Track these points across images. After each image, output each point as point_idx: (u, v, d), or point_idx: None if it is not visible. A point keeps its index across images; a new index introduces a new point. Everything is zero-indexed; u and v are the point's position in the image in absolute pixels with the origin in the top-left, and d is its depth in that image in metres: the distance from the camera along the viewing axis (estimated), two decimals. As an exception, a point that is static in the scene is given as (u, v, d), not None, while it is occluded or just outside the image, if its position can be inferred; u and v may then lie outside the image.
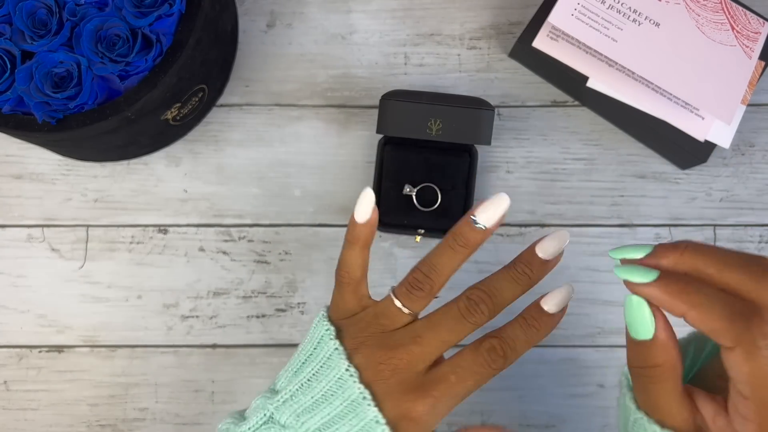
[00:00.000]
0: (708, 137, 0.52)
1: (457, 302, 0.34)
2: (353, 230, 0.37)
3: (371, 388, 0.33)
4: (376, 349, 0.34)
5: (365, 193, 0.36)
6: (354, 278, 0.37)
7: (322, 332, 0.36)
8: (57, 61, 0.44)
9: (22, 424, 0.52)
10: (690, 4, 0.51)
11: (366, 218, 0.36)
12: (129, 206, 0.54)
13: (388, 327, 0.35)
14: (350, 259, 0.37)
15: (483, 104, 0.50)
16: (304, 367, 0.35)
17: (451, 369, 0.33)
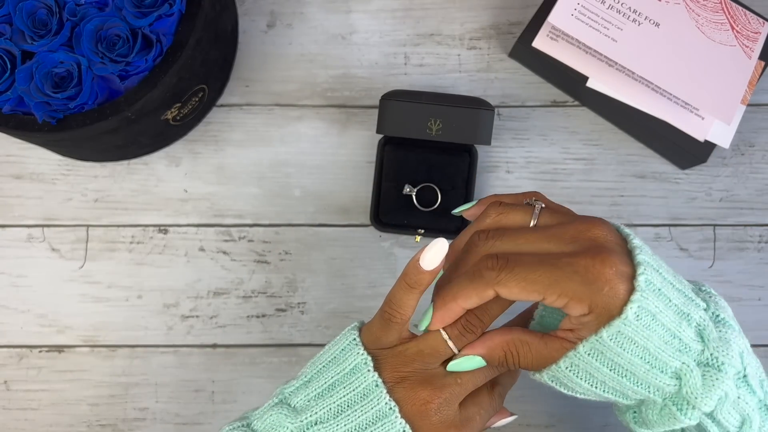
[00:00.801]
0: (708, 137, 0.52)
1: None
2: (416, 275, 0.36)
3: (413, 424, 0.35)
4: (420, 386, 0.35)
5: (438, 242, 0.35)
6: (405, 319, 0.37)
7: (358, 360, 0.36)
8: (57, 61, 0.44)
9: (22, 424, 0.52)
10: (690, 4, 0.51)
11: (433, 267, 0.35)
12: (129, 206, 0.54)
13: (430, 364, 0.36)
14: (406, 301, 0.36)
15: (483, 104, 0.50)
16: (333, 391, 0.36)
17: (476, 410, 0.37)
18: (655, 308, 0.32)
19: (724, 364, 0.32)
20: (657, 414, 0.34)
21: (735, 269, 0.54)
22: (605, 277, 0.31)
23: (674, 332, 0.32)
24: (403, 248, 0.54)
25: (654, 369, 0.32)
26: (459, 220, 0.52)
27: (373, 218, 0.52)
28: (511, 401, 0.52)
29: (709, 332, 0.33)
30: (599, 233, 0.33)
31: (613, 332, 0.31)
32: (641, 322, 0.31)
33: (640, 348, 0.32)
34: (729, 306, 0.36)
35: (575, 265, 0.31)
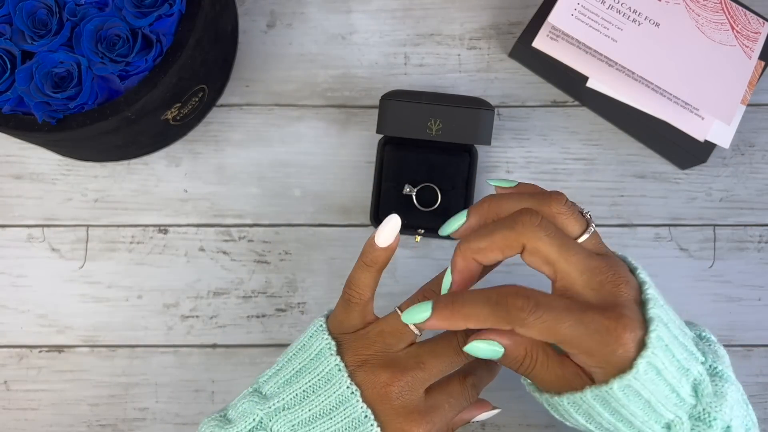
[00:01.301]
0: (708, 137, 0.52)
1: (457, 337, 0.36)
2: (372, 253, 0.37)
3: (374, 408, 0.35)
4: (381, 369, 0.35)
5: (391, 218, 0.36)
6: (365, 299, 0.38)
7: (322, 345, 0.36)
8: (57, 61, 0.44)
9: (22, 424, 0.52)
10: (690, 4, 0.51)
11: (388, 243, 0.37)
12: (129, 206, 0.54)
13: (392, 346, 0.36)
14: (364, 280, 0.37)
15: (483, 104, 0.50)
16: (300, 377, 0.36)
17: (445, 398, 0.37)
18: (661, 364, 0.32)
19: (716, 420, 0.33)
20: None
21: (735, 269, 0.54)
22: (623, 341, 0.31)
23: (674, 387, 0.33)
24: (403, 248, 0.54)
25: (650, 420, 0.33)
26: None
27: (373, 218, 0.52)
28: (511, 401, 0.52)
29: (704, 387, 0.34)
30: (624, 292, 0.33)
31: (624, 385, 0.31)
32: (647, 377, 0.31)
33: (643, 401, 0.32)
34: (726, 354, 0.37)
35: (598, 325, 0.31)
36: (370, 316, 0.38)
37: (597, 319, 0.31)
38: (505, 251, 0.33)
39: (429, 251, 0.54)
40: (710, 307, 0.53)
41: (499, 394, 0.52)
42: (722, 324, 0.53)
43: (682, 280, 0.53)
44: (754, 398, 0.52)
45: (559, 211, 0.34)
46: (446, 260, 0.53)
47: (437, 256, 0.54)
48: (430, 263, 0.54)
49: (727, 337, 0.53)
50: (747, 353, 0.53)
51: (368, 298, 0.38)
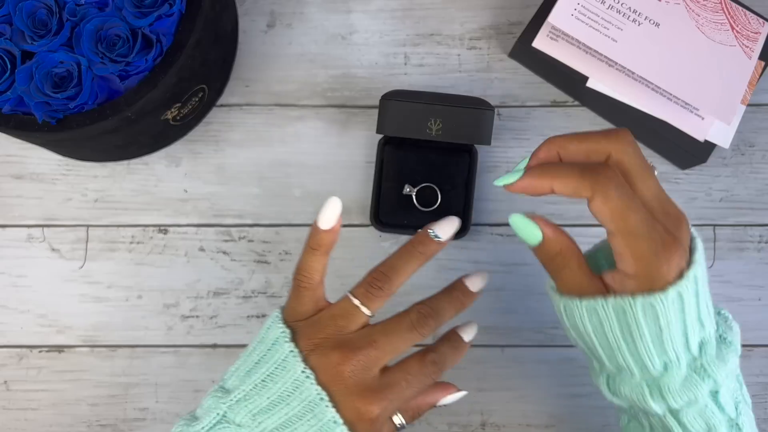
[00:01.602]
0: (708, 137, 0.52)
1: (409, 314, 0.38)
2: (316, 236, 0.38)
3: (328, 389, 0.35)
4: (332, 350, 0.36)
5: (331, 200, 0.38)
6: (313, 283, 0.38)
7: (277, 334, 0.37)
8: (57, 61, 0.44)
9: (22, 424, 0.52)
10: (690, 5, 0.51)
11: (330, 225, 0.38)
12: (129, 206, 0.54)
13: (344, 328, 0.37)
14: (311, 264, 0.38)
15: (483, 104, 0.50)
16: (258, 367, 0.37)
17: (402, 375, 0.37)
18: (686, 302, 0.33)
19: (710, 378, 0.34)
20: (629, 388, 0.36)
21: (735, 269, 0.54)
22: (672, 260, 0.33)
23: (686, 331, 0.34)
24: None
25: (653, 350, 0.34)
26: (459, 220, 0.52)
27: (373, 218, 0.52)
28: (511, 401, 0.52)
29: (710, 348, 0.35)
30: (685, 230, 0.34)
31: (648, 303, 0.32)
32: (672, 306, 0.33)
33: (657, 328, 0.33)
34: (739, 331, 0.38)
35: (660, 234, 0.33)
36: (322, 302, 0.39)
37: (663, 232, 0.33)
38: (591, 154, 0.34)
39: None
40: (710, 307, 0.53)
41: (499, 394, 0.52)
42: (722, 324, 0.53)
43: (682, 280, 0.53)
44: (754, 398, 0.52)
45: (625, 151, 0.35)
46: (445, 260, 0.53)
47: (437, 256, 0.53)
48: (429, 263, 0.53)
49: (727, 337, 0.53)
50: (747, 353, 0.53)
51: (317, 282, 0.39)
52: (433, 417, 0.52)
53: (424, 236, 0.38)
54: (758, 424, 0.52)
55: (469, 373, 0.52)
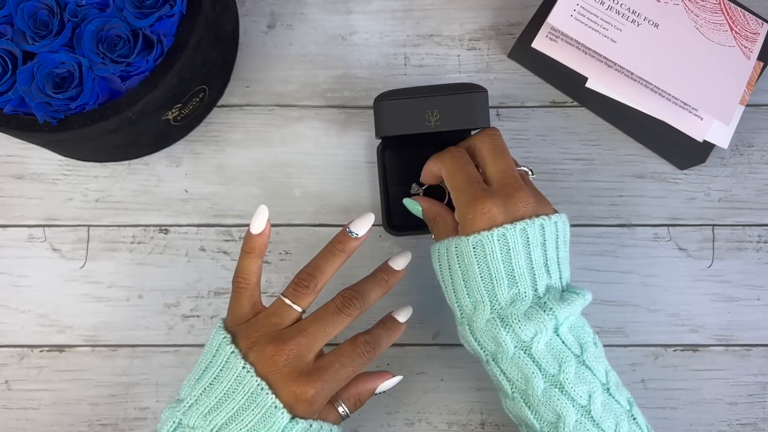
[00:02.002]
0: (707, 137, 0.52)
1: (334, 300, 0.42)
2: (249, 241, 0.42)
3: (267, 379, 0.39)
4: (267, 344, 0.39)
5: (260, 208, 0.42)
6: (250, 284, 0.42)
7: (219, 340, 0.41)
8: (58, 62, 0.44)
9: (23, 424, 0.52)
10: (689, 5, 0.52)
11: (260, 230, 0.42)
12: (130, 206, 0.54)
13: (278, 325, 0.41)
14: (247, 267, 0.42)
15: (474, 87, 0.50)
16: (205, 373, 0.40)
17: (335, 358, 0.40)
18: (514, 245, 0.40)
19: (553, 311, 0.40)
20: (484, 323, 0.41)
21: (734, 269, 0.54)
22: (477, 212, 0.40)
23: (524, 268, 0.40)
24: (403, 248, 0.54)
25: (503, 282, 0.40)
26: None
27: (386, 224, 0.52)
28: (510, 401, 0.52)
29: (555, 292, 0.41)
30: (517, 197, 0.41)
31: (476, 241, 0.40)
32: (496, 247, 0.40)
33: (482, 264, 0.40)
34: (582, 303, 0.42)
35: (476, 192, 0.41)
36: (259, 306, 0.43)
37: (477, 191, 0.41)
38: (436, 171, 0.45)
39: (428, 251, 0.54)
40: (709, 307, 0.53)
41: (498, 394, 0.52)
42: (721, 324, 0.53)
43: (680, 279, 0.54)
44: (753, 397, 0.53)
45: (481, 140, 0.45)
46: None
47: (437, 256, 0.54)
48: (428, 263, 0.54)
49: (726, 337, 0.53)
50: (746, 353, 0.53)
51: (254, 284, 0.43)
52: (432, 416, 0.52)
53: (342, 235, 0.43)
54: (758, 424, 0.52)
55: (469, 372, 0.52)
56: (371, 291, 0.43)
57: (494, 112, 0.56)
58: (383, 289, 0.43)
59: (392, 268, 0.44)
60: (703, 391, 0.52)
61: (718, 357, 0.53)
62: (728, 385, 0.53)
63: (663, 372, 0.53)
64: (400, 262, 0.44)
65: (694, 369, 0.53)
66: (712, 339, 0.53)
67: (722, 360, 0.53)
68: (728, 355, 0.53)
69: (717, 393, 0.52)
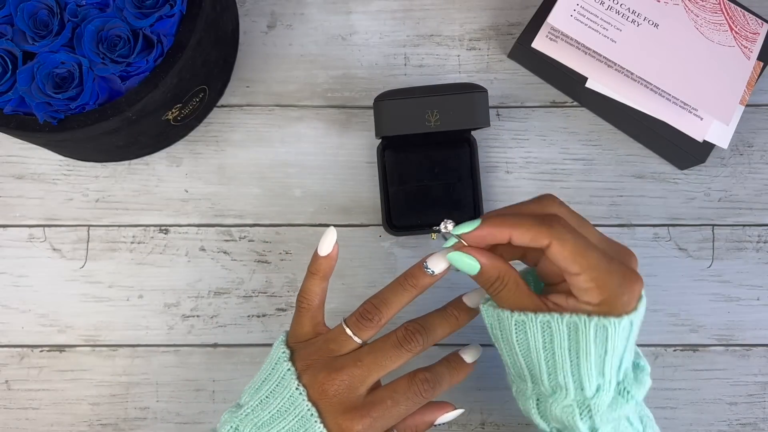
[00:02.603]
0: (706, 137, 0.52)
1: (396, 332, 0.39)
2: (315, 262, 0.41)
3: (317, 406, 0.38)
4: (320, 370, 0.38)
5: (329, 230, 0.41)
6: (312, 306, 0.41)
7: (279, 354, 0.40)
8: (58, 62, 0.44)
9: (23, 424, 0.52)
10: (688, 5, 0.52)
11: (327, 252, 0.41)
12: (130, 206, 0.54)
13: (335, 352, 0.39)
14: (310, 288, 0.41)
15: (474, 87, 0.50)
16: (264, 385, 0.40)
17: (388, 394, 0.38)
18: (633, 331, 0.35)
19: (631, 395, 0.37)
20: (560, 408, 0.37)
21: (734, 269, 0.54)
22: (634, 292, 0.34)
23: (622, 357, 0.36)
24: (403, 248, 0.54)
25: (593, 371, 0.35)
26: (471, 212, 0.52)
27: (386, 224, 0.52)
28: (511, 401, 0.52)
29: (630, 372, 0.38)
30: (636, 264, 0.37)
31: (601, 324, 0.34)
32: (622, 333, 0.34)
33: (602, 350, 0.34)
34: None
35: (622, 269, 0.34)
36: (321, 327, 0.42)
37: (618, 263, 0.34)
38: (533, 241, 0.35)
39: (428, 251, 0.54)
40: (709, 307, 0.53)
41: (499, 394, 0.52)
42: (721, 324, 0.53)
43: (680, 279, 0.54)
44: (753, 397, 0.53)
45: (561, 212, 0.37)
46: (446, 260, 0.53)
47: (437, 256, 0.54)
48: (429, 263, 0.54)
49: (726, 337, 0.53)
50: (745, 353, 0.53)
51: (317, 306, 0.41)
52: (432, 416, 0.52)
53: (417, 269, 0.39)
54: (758, 424, 0.52)
55: (469, 372, 0.52)
56: (438, 327, 0.39)
57: (494, 112, 0.56)
58: (452, 326, 0.40)
59: (465, 304, 0.40)
60: (703, 391, 0.52)
61: (718, 357, 0.53)
62: (728, 385, 0.53)
63: (663, 372, 0.53)
64: (474, 299, 0.41)
65: (694, 369, 0.53)
66: (712, 339, 0.53)
67: (722, 360, 0.53)
68: (728, 355, 0.53)
69: (717, 393, 0.52)
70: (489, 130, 0.55)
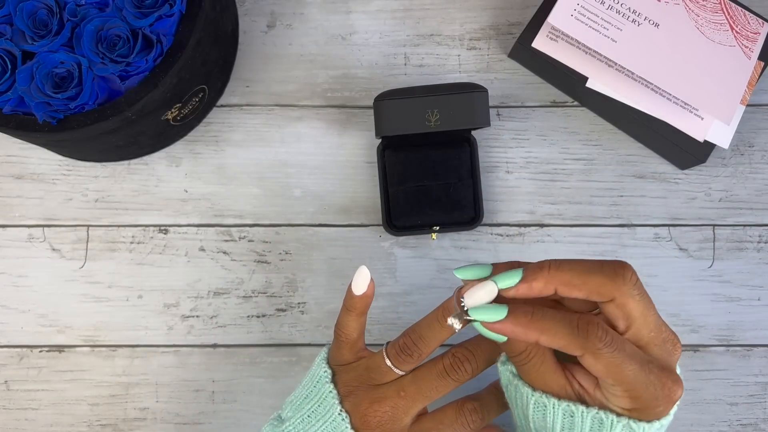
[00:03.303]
0: (707, 137, 0.52)
1: (442, 359, 0.37)
2: (351, 300, 0.39)
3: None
4: (363, 399, 0.37)
5: (362, 270, 0.39)
6: (351, 339, 0.40)
7: (321, 373, 0.40)
8: (58, 62, 0.44)
9: (22, 424, 0.52)
10: (689, 5, 0.51)
11: (362, 291, 0.39)
12: (130, 206, 0.54)
13: (376, 380, 0.38)
14: (347, 323, 0.40)
15: (474, 87, 0.50)
16: (306, 402, 0.39)
17: (434, 425, 0.37)
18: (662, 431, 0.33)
19: None
20: None
21: (734, 269, 0.54)
22: (672, 398, 0.32)
23: None
24: (403, 248, 0.54)
25: None
26: (471, 212, 0.52)
27: (386, 224, 0.52)
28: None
29: None
30: (677, 356, 0.34)
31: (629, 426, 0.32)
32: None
33: None
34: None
35: (657, 378, 0.32)
36: (363, 351, 0.41)
37: (657, 374, 0.32)
38: (592, 295, 0.32)
39: (428, 251, 0.54)
40: (709, 307, 0.53)
41: (498, 394, 0.52)
42: (721, 324, 0.53)
43: (681, 280, 0.54)
44: (753, 398, 0.52)
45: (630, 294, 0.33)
46: (445, 260, 0.53)
47: (436, 256, 0.54)
48: (429, 263, 0.54)
49: (726, 337, 0.53)
50: (746, 353, 0.53)
51: (355, 338, 0.40)
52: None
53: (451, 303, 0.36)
54: (758, 424, 0.52)
55: (469, 372, 0.52)
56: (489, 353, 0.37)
57: (494, 111, 0.55)
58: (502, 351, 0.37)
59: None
60: (704, 392, 0.52)
61: (718, 357, 0.53)
62: (729, 386, 0.52)
63: (663, 372, 0.52)
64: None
65: (694, 369, 0.53)
66: (712, 339, 0.53)
67: (723, 360, 0.53)
68: (729, 355, 0.53)
69: (717, 393, 0.52)
70: (489, 130, 0.55)
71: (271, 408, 0.52)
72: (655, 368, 0.32)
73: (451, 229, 0.52)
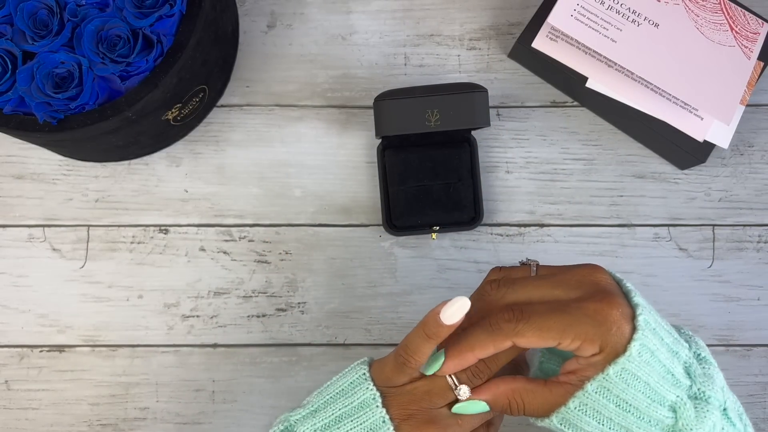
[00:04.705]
0: (707, 137, 0.52)
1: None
2: (436, 327, 0.36)
3: None
4: (425, 425, 0.36)
5: (461, 301, 0.36)
6: (418, 365, 0.37)
7: (367, 395, 0.37)
8: (58, 62, 0.44)
9: (23, 424, 0.52)
10: (689, 5, 0.51)
11: (453, 322, 0.36)
12: (130, 206, 0.54)
13: (436, 404, 0.37)
14: (422, 349, 0.37)
15: (474, 87, 0.50)
16: (341, 423, 0.36)
17: None
18: (653, 345, 0.34)
19: (711, 398, 0.35)
20: None
21: (734, 269, 0.54)
22: (613, 318, 0.33)
23: (668, 368, 0.34)
24: (403, 248, 0.54)
25: (654, 402, 0.34)
26: (471, 212, 0.52)
27: (386, 224, 0.52)
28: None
29: (695, 369, 0.36)
30: (601, 278, 0.35)
31: (619, 369, 0.33)
32: (642, 359, 0.33)
33: (642, 383, 0.33)
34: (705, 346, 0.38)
35: (585, 309, 0.33)
36: (416, 374, 0.38)
37: (582, 305, 0.34)
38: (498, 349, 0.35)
39: (428, 251, 0.54)
40: (709, 307, 0.53)
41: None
42: (721, 324, 0.53)
43: (681, 279, 0.54)
44: (753, 397, 0.53)
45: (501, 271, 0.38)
46: (445, 260, 0.53)
47: (437, 256, 0.54)
48: (429, 263, 0.54)
49: (726, 337, 0.53)
50: (746, 353, 0.53)
51: (422, 364, 0.38)
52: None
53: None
54: (758, 424, 0.52)
55: (469, 372, 0.52)
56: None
57: (494, 112, 0.55)
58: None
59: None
60: (704, 392, 0.52)
61: (718, 357, 0.52)
62: (728, 386, 0.52)
63: (663, 372, 0.53)
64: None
65: (694, 369, 0.53)
66: (712, 339, 0.53)
67: (722, 360, 0.53)
68: (728, 355, 0.53)
69: (717, 393, 0.52)
70: (489, 130, 0.55)
71: (271, 408, 0.52)
72: (580, 302, 0.34)
73: (451, 229, 0.52)
